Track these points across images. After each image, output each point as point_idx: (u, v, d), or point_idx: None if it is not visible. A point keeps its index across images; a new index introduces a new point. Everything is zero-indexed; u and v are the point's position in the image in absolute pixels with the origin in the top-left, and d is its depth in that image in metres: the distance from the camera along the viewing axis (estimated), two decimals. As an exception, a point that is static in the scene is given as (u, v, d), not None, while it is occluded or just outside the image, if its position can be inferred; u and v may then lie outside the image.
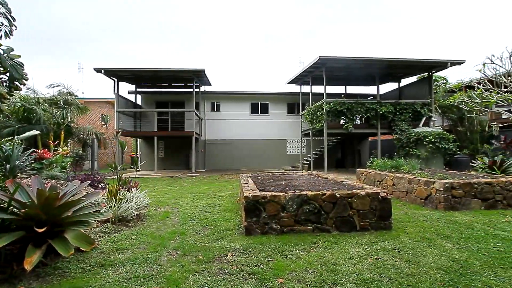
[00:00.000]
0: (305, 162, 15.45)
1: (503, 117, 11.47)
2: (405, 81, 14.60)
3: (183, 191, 7.43)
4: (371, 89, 17.12)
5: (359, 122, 13.40)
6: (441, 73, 13.75)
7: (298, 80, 14.50)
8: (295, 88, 16.09)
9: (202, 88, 16.14)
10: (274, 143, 17.13)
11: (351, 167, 15.97)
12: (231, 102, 17.04)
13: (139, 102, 16.54)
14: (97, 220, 3.77)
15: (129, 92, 16.20)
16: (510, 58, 8.19)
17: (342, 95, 16.57)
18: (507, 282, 2.24)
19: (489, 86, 8.92)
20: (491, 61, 8.67)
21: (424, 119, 12.04)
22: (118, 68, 12.54)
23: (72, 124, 11.97)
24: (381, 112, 11.69)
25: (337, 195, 3.59)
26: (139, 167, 15.99)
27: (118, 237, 3.40)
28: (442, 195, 4.70)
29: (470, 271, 2.45)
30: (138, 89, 16.09)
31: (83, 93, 21.59)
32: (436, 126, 12.68)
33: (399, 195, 5.82)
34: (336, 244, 3.11)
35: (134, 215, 4.19)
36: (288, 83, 15.02)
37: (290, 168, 15.38)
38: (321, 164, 13.90)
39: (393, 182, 6.06)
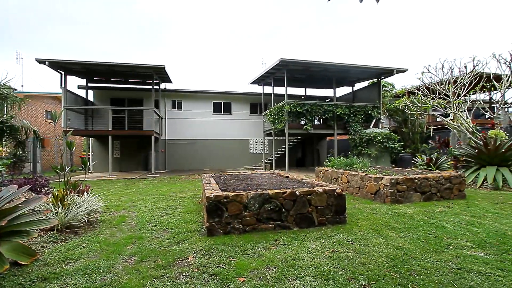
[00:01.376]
0: (268, 161, 15.76)
1: (437, 120, 13.05)
2: (358, 85, 15.76)
3: (141, 193, 7.04)
4: (328, 92, 18.12)
5: (317, 123, 14.09)
6: (388, 80, 15.16)
7: (261, 80, 14.73)
8: (257, 89, 16.32)
9: (162, 86, 15.45)
10: (237, 142, 17.14)
11: (310, 165, 16.73)
12: (193, 101, 16.62)
13: (91, 98, 15.19)
14: (39, 229, 3.40)
15: (79, 87, 14.80)
16: (442, 69, 9.37)
17: (302, 97, 17.27)
18: (439, 264, 2.57)
19: (427, 93, 10.10)
20: (428, 70, 9.83)
21: (374, 120, 13.15)
22: (66, 60, 11.36)
23: (9, 122, 10.49)
24: (337, 114, 12.46)
25: (297, 193, 3.74)
26: (90, 169, 14.71)
27: (65, 246, 3.10)
28: (389, 190, 5.19)
29: (411, 257, 2.75)
30: (89, 84, 14.78)
31: (22, 86, 19.18)
32: (384, 127, 13.94)
33: (353, 191, 6.27)
34: (296, 240, 3.24)
35: (85, 221, 3.85)
36: (251, 83, 15.17)
37: (253, 167, 15.55)
38: (283, 163, 14.32)
39: (347, 179, 6.51)
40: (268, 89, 15.44)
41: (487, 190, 6.67)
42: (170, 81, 14.60)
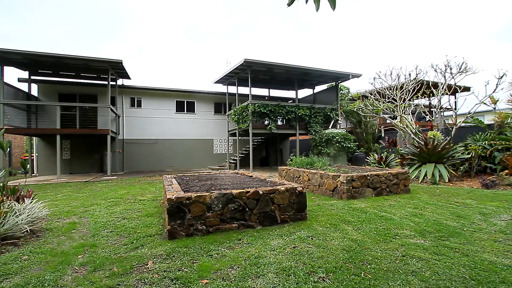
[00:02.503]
0: (232, 161, 15.73)
1: (387, 121, 14.29)
2: (318, 88, 16.56)
3: (95, 197, 6.52)
4: (291, 93, 18.73)
5: (281, 123, 14.47)
6: (345, 83, 16.20)
7: (225, 80, 14.64)
8: (222, 88, 16.21)
9: (120, 82, 14.46)
10: (201, 142, 16.81)
11: (274, 165, 17.10)
12: (154, 98, 15.86)
13: (34, 92, 13.59)
14: (-32, 242, 2.96)
15: (20, 80, 13.14)
16: (391, 75, 10.30)
17: (266, 97, 17.57)
18: (387, 253, 2.83)
19: (378, 97, 11.00)
20: (379, 76, 10.72)
21: (332, 122, 13.93)
22: (3, 49, 9.99)
23: None
24: (299, 115, 12.94)
25: (260, 192, 3.81)
26: (34, 172, 13.17)
27: (1, 261, 2.74)
28: (345, 187, 5.55)
29: (364, 248, 2.98)
30: (33, 77, 13.20)
31: None
32: (342, 128, 14.86)
33: (313, 189, 6.57)
34: (259, 238, 3.30)
35: (27, 230, 3.45)
36: (215, 82, 14.99)
37: (217, 167, 15.39)
38: (247, 163, 14.43)
39: (308, 177, 6.80)
40: (232, 89, 15.43)
41: (427, 184, 7.51)
42: (128, 77, 13.73)
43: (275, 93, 18.36)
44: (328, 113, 13.58)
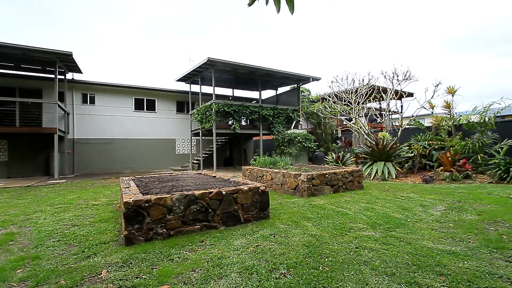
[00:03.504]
0: (195, 161, 15.37)
1: (344, 123, 15.26)
2: (281, 90, 16.99)
3: (39, 203, 5.85)
4: (254, 94, 18.94)
5: (245, 123, 14.55)
6: (306, 86, 16.90)
7: (188, 78, 14.25)
8: (184, 87, 15.71)
9: (69, 76, 13.16)
10: (162, 142, 16.11)
11: (238, 165, 17.12)
12: (110, 95, 14.75)
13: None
14: None
15: None
16: (347, 79, 11.02)
17: (230, 97, 17.52)
18: (343, 246, 3.03)
19: (336, 100, 11.70)
20: (336, 80, 11.40)
21: (294, 122, 14.43)
22: None
23: None
24: (262, 115, 13.15)
25: (223, 192, 3.80)
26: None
27: None
28: (306, 185, 5.80)
29: (322, 242, 3.15)
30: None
31: None
32: (303, 129, 15.46)
33: (276, 188, 6.74)
34: (222, 239, 3.29)
35: (-51, 245, 2.97)
36: (177, 80, 14.50)
37: (180, 168, 14.90)
38: (210, 163, 14.22)
39: (271, 176, 6.96)
40: (195, 88, 15.06)
41: (378, 180, 8.20)
42: (79, 71, 12.56)
43: (239, 93, 18.40)
44: (290, 114, 14.02)
